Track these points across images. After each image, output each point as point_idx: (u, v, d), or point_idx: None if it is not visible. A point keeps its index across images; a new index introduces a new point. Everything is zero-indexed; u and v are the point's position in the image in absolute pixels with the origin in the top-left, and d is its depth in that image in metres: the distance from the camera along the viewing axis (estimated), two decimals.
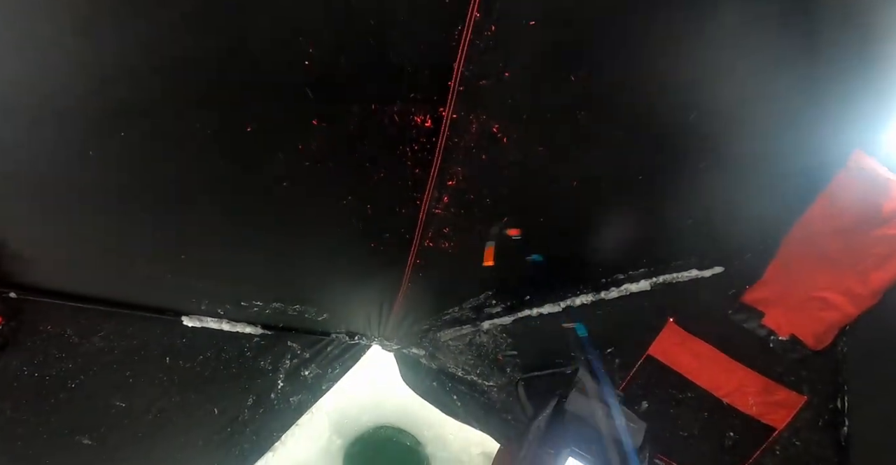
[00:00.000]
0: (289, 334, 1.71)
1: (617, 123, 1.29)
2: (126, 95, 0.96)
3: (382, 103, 1.15)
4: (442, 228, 1.51)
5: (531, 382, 1.86)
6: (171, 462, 1.60)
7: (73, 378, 1.25)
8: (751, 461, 1.76)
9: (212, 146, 1.08)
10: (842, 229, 1.39)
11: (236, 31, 0.95)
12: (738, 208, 1.46)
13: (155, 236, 1.19)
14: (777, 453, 1.75)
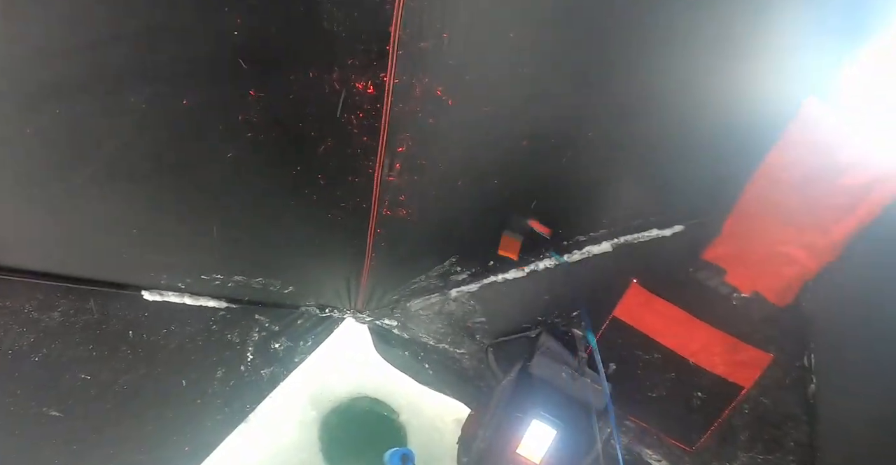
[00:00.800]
0: (255, 308, 1.80)
1: (564, 79, 1.36)
2: (59, 72, 1.03)
3: (320, 71, 1.21)
4: (398, 196, 1.58)
5: (500, 347, 1.97)
6: (143, 434, 1.71)
7: (35, 352, 1.34)
8: (720, 421, 1.88)
9: (150, 121, 1.15)
10: (798, 182, 1.46)
11: (164, 4, 1.02)
12: (695, 165, 1.54)
13: (105, 211, 1.27)
14: (746, 412, 1.87)
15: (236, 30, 1.07)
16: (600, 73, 1.32)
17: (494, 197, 1.59)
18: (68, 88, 1.04)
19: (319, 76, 1.21)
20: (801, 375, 1.76)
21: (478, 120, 1.39)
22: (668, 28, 1.23)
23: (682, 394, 1.85)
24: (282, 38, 1.13)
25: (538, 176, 1.54)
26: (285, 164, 1.38)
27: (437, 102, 1.32)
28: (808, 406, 1.80)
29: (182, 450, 1.85)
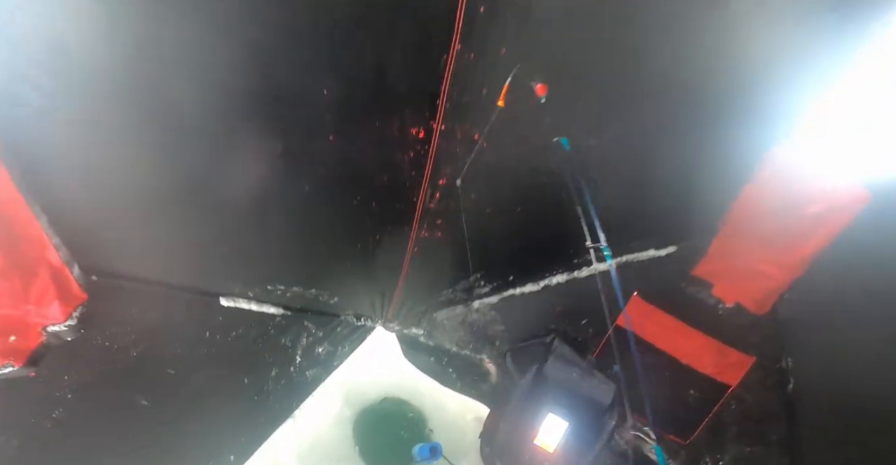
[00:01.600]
0: (305, 315, 2.15)
1: (577, 131, 1.73)
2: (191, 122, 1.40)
3: (384, 120, 1.59)
4: (435, 221, 1.95)
5: (517, 352, 2.31)
6: (209, 424, 2.02)
7: (134, 348, 1.67)
8: (711, 416, 2.22)
9: (252, 164, 1.52)
10: (771, 211, 1.80)
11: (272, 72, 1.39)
12: (686, 197, 1.91)
13: (203, 232, 1.64)
14: (733, 407, 2.18)
15: (326, 89, 1.45)
16: (603, 127, 1.71)
17: (516, 223, 1.97)
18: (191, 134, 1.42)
19: (383, 124, 1.60)
20: (781, 375, 2.09)
21: (505, 160, 1.76)
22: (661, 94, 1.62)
23: (678, 392, 2.17)
24: (359, 95, 1.52)
25: (553, 207, 1.90)
26: (349, 195, 1.75)
27: (473, 144, 1.70)
28: (788, 404, 2.11)
29: (239, 441, 2.17)
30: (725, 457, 2.25)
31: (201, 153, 1.43)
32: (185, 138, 1.39)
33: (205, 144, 1.42)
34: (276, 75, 1.37)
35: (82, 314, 1.43)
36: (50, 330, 1.38)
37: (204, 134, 1.38)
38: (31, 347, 1.36)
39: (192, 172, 1.46)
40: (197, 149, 1.41)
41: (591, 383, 2.11)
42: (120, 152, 1.35)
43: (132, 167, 1.37)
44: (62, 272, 1.33)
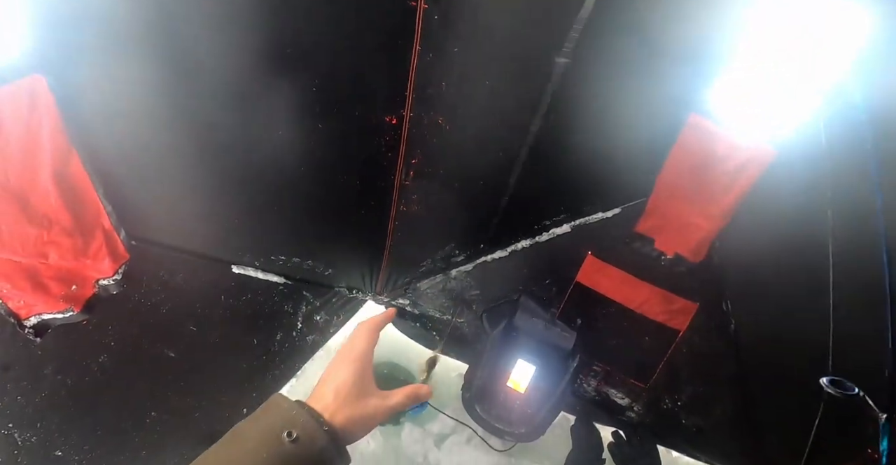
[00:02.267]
0: (304, 285, 2.57)
1: (525, 112, 2.15)
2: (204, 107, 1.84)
3: (363, 110, 2.03)
4: (412, 196, 2.36)
5: (491, 312, 2.73)
6: (226, 379, 2.42)
7: (164, 305, 2.04)
8: (665, 359, 2.59)
9: (255, 147, 1.96)
10: (694, 170, 2.13)
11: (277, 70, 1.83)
12: (625, 164, 2.29)
13: (220, 209, 2.06)
14: (684, 351, 2.53)
15: (314, 87, 1.89)
16: (548, 108, 2.13)
17: (481, 194, 2.37)
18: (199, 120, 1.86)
19: (363, 114, 2.03)
20: (723, 318, 2.41)
21: (466, 139, 2.17)
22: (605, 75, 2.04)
23: (634, 340, 2.54)
24: (341, 90, 1.96)
25: (511, 177, 2.30)
26: (337, 173, 2.18)
27: (438, 127, 2.10)
28: (732, 343, 2.45)
29: (251, 396, 2.57)
30: (683, 396, 2.64)
31: (222, 138, 1.86)
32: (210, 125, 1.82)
33: (226, 131, 1.85)
34: (276, 74, 1.81)
35: (125, 272, 1.84)
36: (101, 283, 1.79)
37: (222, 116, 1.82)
38: (87, 296, 1.77)
39: (211, 154, 1.89)
40: (218, 134, 1.85)
41: (554, 332, 2.53)
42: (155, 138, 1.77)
43: (164, 150, 1.79)
44: (112, 235, 1.75)
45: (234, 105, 1.84)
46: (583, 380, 2.82)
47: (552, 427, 2.77)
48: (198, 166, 1.93)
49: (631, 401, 2.80)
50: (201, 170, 1.95)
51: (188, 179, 1.95)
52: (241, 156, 1.97)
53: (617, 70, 2.01)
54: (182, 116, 1.79)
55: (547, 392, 2.59)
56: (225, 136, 1.90)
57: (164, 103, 1.74)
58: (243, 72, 1.79)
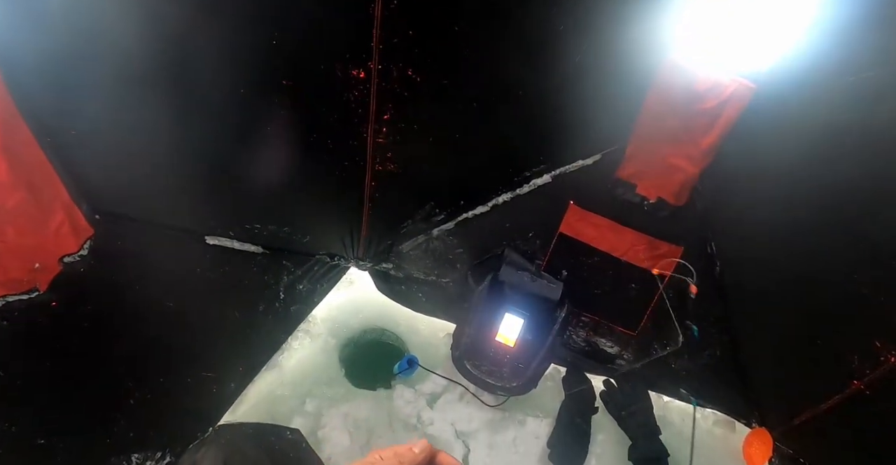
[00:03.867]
0: (283, 254, 2.49)
1: (506, 50, 2.08)
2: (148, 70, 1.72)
3: (328, 64, 1.92)
4: (386, 154, 2.25)
5: (476, 269, 2.69)
6: (211, 355, 2.36)
7: (137, 282, 1.96)
8: (653, 304, 2.59)
9: (217, 108, 1.85)
10: (673, 110, 2.09)
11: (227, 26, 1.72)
12: (602, 108, 2.23)
13: (187, 176, 1.96)
14: (671, 295, 2.53)
15: (275, 40, 1.77)
16: (523, 51, 2.05)
17: (458, 148, 2.29)
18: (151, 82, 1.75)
19: (328, 67, 1.91)
20: (708, 261, 2.43)
21: (437, 89, 2.06)
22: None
23: (620, 288, 2.54)
24: (304, 43, 1.84)
25: (488, 128, 2.23)
26: (306, 133, 2.07)
27: (408, 80, 1.99)
28: (718, 285, 2.47)
29: (237, 370, 2.52)
30: (671, 341, 2.66)
31: (183, 103, 1.76)
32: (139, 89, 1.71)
33: (179, 89, 1.74)
34: (229, 27, 1.70)
35: (91, 247, 1.75)
36: (66, 261, 1.70)
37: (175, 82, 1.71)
38: (52, 274, 1.68)
39: (173, 120, 1.78)
40: (179, 99, 1.74)
41: (540, 283, 2.50)
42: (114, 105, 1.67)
43: (124, 117, 1.69)
44: (73, 208, 1.65)
45: (194, 67, 1.73)
46: (572, 331, 2.82)
47: (543, 379, 2.79)
48: (161, 134, 1.83)
49: (620, 349, 2.80)
50: (165, 137, 1.84)
51: (152, 148, 1.85)
52: (204, 121, 1.87)
53: (591, 13, 1.94)
54: (142, 81, 1.68)
55: (537, 345, 2.58)
56: (186, 100, 1.79)
57: (122, 69, 1.63)
58: (199, 30, 1.67)
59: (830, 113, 1.91)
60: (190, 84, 1.75)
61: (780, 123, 2.05)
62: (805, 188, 2.06)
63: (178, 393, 2.30)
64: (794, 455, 2.52)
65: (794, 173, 2.06)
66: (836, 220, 2.00)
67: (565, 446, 2.63)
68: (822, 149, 1.95)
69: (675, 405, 3.01)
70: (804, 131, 2.01)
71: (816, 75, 1.88)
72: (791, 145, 2.06)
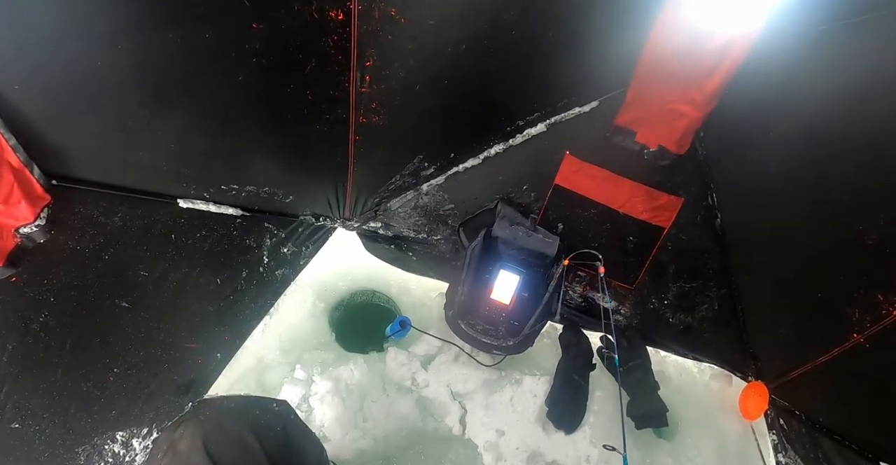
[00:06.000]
0: (265, 216, 2.32)
1: None
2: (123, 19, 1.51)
3: (302, 5, 1.71)
4: (370, 104, 2.08)
5: (468, 225, 2.55)
6: (192, 325, 2.22)
7: (104, 251, 1.81)
8: (651, 259, 2.49)
9: (182, 53, 1.63)
10: (674, 52, 1.95)
11: None
12: (598, 51, 2.08)
13: (152, 130, 1.74)
14: (669, 248, 2.45)
15: None
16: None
17: (447, 96, 2.12)
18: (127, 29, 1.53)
19: (302, 9, 1.70)
20: (709, 212, 2.35)
21: (425, 32, 1.88)
22: None
23: (617, 241, 2.45)
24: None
25: (479, 74, 2.06)
26: (282, 84, 1.87)
27: (392, 21, 1.80)
28: (718, 238, 2.40)
29: (222, 339, 2.39)
30: (669, 295, 2.57)
31: (133, 47, 1.54)
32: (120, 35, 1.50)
33: (137, 36, 1.52)
34: None
35: (49, 216, 1.58)
36: (22, 232, 1.53)
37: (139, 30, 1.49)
38: (8, 248, 1.52)
39: (133, 70, 1.57)
40: (134, 43, 1.52)
41: (535, 238, 2.37)
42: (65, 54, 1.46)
43: (78, 68, 1.48)
44: (23, 173, 1.46)
45: (154, 6, 1.51)
46: (568, 286, 2.71)
47: (540, 337, 2.69)
48: (118, 84, 1.60)
49: (618, 304, 2.71)
50: (124, 90, 1.62)
51: (109, 103, 1.63)
52: (167, 68, 1.65)
53: None
54: (94, 21, 1.45)
55: (533, 302, 2.47)
56: (146, 43, 1.56)
57: (75, 13, 1.42)
58: None
59: (840, 53, 1.77)
60: (150, 25, 1.53)
61: (788, 64, 1.91)
62: (813, 136, 1.94)
63: (161, 367, 2.17)
64: (789, 407, 2.52)
65: (802, 120, 1.94)
66: (844, 167, 1.89)
67: (563, 403, 2.57)
68: (833, 94, 1.82)
69: (673, 359, 2.96)
70: (814, 72, 1.87)
71: (827, 14, 1.73)
72: (799, 90, 1.92)
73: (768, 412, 2.62)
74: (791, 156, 2.03)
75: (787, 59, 1.87)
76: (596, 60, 2.06)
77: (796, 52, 1.84)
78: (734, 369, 2.82)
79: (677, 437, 2.73)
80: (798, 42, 1.81)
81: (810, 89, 1.87)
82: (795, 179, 2.05)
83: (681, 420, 2.75)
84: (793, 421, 2.50)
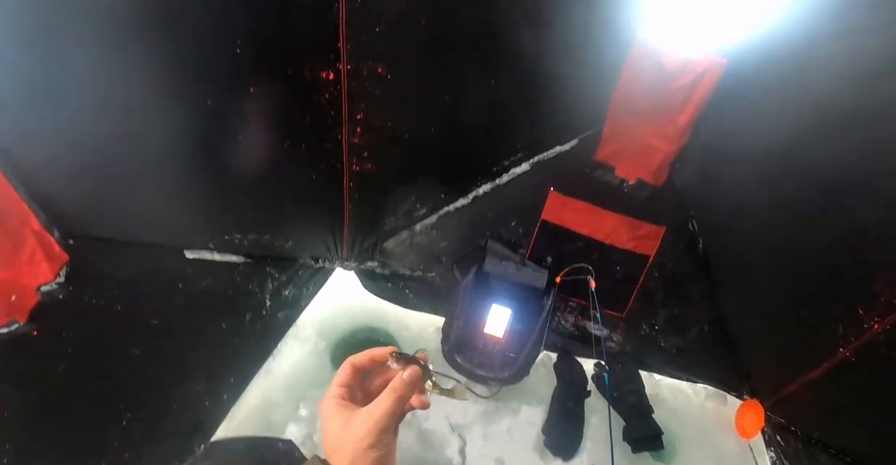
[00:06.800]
0: (266, 261, 2.44)
1: (467, 50, 2.05)
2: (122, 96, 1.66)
3: (296, 68, 1.87)
4: (362, 154, 2.23)
5: (461, 261, 2.67)
6: (199, 367, 2.31)
7: (117, 302, 1.90)
8: (639, 285, 2.60)
9: (186, 119, 1.79)
10: (647, 89, 2.09)
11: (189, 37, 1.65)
12: (578, 95, 2.22)
13: (161, 190, 1.89)
14: (656, 275, 2.57)
15: (239, 48, 1.71)
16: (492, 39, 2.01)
17: (434, 142, 2.27)
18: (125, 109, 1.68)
19: (296, 71, 1.86)
20: (691, 238, 2.47)
21: (410, 86, 2.04)
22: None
23: (605, 271, 2.55)
24: (269, 48, 1.79)
25: (463, 121, 2.21)
26: (279, 139, 2.02)
27: (379, 77, 1.96)
28: (702, 262, 2.51)
29: (228, 381, 2.48)
30: (659, 320, 2.68)
31: (144, 116, 1.68)
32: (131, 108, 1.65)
33: (145, 106, 1.67)
34: (191, 40, 1.63)
35: (68, 273, 1.69)
36: (43, 290, 1.64)
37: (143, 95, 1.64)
38: (30, 305, 1.62)
39: (142, 136, 1.71)
40: (142, 112, 1.67)
41: (525, 272, 2.49)
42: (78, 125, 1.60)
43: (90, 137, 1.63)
44: (44, 236, 1.59)
45: (158, 80, 1.66)
46: (560, 316, 2.82)
47: (535, 366, 2.79)
48: (128, 150, 1.75)
49: (609, 331, 2.82)
50: (133, 154, 1.77)
51: (121, 167, 1.78)
52: (174, 133, 1.80)
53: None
54: (104, 96, 1.61)
55: (526, 333, 2.58)
56: (151, 115, 1.72)
57: (84, 84, 1.56)
58: (159, 43, 1.60)
59: (804, 85, 1.92)
60: (155, 98, 1.69)
61: (754, 96, 2.05)
62: (783, 161, 2.08)
63: (171, 410, 2.26)
64: (785, 424, 2.58)
65: (771, 146, 2.08)
66: (814, 191, 2.01)
67: (560, 431, 2.65)
68: (798, 121, 1.96)
69: (667, 382, 3.05)
70: (778, 104, 2.02)
71: (787, 48, 1.88)
72: (767, 118, 2.07)
73: (765, 429, 2.68)
74: (762, 181, 2.16)
75: (753, 91, 2.02)
76: (573, 101, 2.21)
77: (761, 84, 1.99)
78: (728, 388, 2.89)
79: (676, 459, 2.79)
80: (762, 74, 1.96)
81: (775, 117, 2.01)
82: (768, 203, 2.18)
83: (678, 442, 2.82)
84: (789, 437, 2.56)
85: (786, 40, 1.85)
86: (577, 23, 1.97)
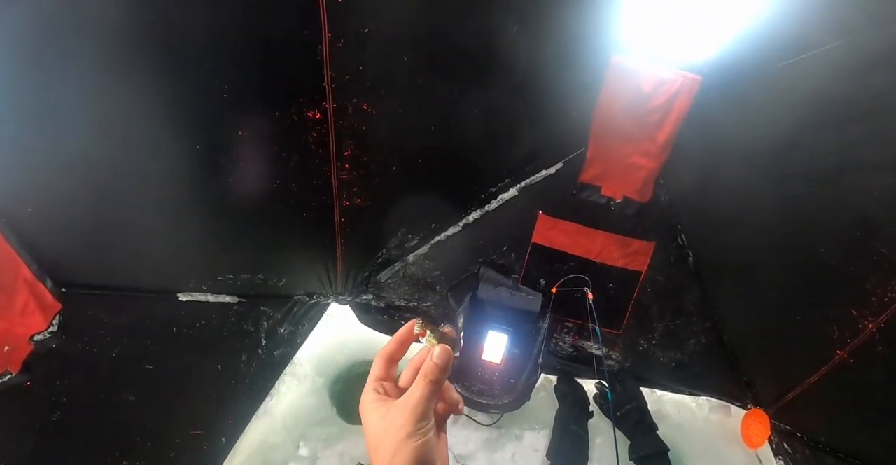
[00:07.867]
0: (260, 300, 2.44)
1: (450, 82, 2.09)
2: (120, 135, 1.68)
3: (282, 110, 1.90)
4: (352, 189, 2.25)
5: (455, 289, 2.69)
6: (197, 412, 2.30)
7: (111, 349, 1.89)
8: (633, 301, 2.62)
9: (177, 161, 1.80)
10: (626, 109, 2.15)
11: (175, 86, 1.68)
12: (560, 119, 2.28)
13: (152, 236, 1.89)
14: (649, 290, 2.60)
15: (225, 93, 1.73)
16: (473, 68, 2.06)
17: (422, 173, 2.30)
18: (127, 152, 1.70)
19: (283, 113, 1.89)
20: (680, 252, 2.51)
21: (395, 120, 2.08)
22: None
23: (599, 289, 2.56)
24: (255, 92, 1.82)
25: (450, 150, 2.25)
26: (269, 180, 2.04)
27: (364, 113, 2.00)
28: (693, 274, 2.54)
29: (226, 423, 2.46)
30: (656, 335, 2.70)
31: (133, 163, 1.71)
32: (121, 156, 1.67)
33: (133, 153, 1.69)
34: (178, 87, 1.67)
35: (61, 322, 1.69)
36: (36, 339, 1.63)
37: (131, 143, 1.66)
38: (23, 355, 1.61)
39: (127, 183, 1.73)
40: (130, 160, 1.69)
41: (519, 297, 2.51)
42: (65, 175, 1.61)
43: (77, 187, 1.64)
44: (37, 286, 1.59)
45: (146, 130, 1.69)
46: (557, 338, 2.83)
47: (536, 391, 2.78)
48: (120, 197, 1.77)
49: (608, 350, 2.83)
50: (124, 200, 1.79)
51: (112, 214, 1.79)
52: (165, 179, 1.83)
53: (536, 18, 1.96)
54: (92, 146, 1.63)
55: (524, 358, 2.59)
56: (140, 164, 1.74)
57: (75, 136, 1.58)
58: (146, 92, 1.63)
59: (776, 94, 1.97)
60: (144, 145, 1.71)
61: (730, 108, 2.11)
62: (763, 169, 2.13)
63: (169, 456, 2.24)
64: (791, 431, 2.59)
65: (751, 156, 2.13)
66: (796, 197, 2.07)
67: (565, 455, 2.61)
68: (774, 129, 2.01)
69: (670, 397, 3.05)
70: (754, 114, 2.07)
71: (756, 61, 1.94)
72: (744, 129, 2.12)
73: (772, 437, 2.68)
74: (743, 190, 2.22)
75: (729, 103, 2.08)
76: (555, 126, 2.27)
77: (737, 96, 2.05)
78: (731, 398, 2.89)
79: None
80: (737, 86, 2.02)
81: (753, 127, 2.07)
82: (751, 212, 2.23)
83: (685, 457, 2.82)
84: (796, 444, 2.57)
85: (754, 53, 1.91)
86: (554, 47, 2.03)
